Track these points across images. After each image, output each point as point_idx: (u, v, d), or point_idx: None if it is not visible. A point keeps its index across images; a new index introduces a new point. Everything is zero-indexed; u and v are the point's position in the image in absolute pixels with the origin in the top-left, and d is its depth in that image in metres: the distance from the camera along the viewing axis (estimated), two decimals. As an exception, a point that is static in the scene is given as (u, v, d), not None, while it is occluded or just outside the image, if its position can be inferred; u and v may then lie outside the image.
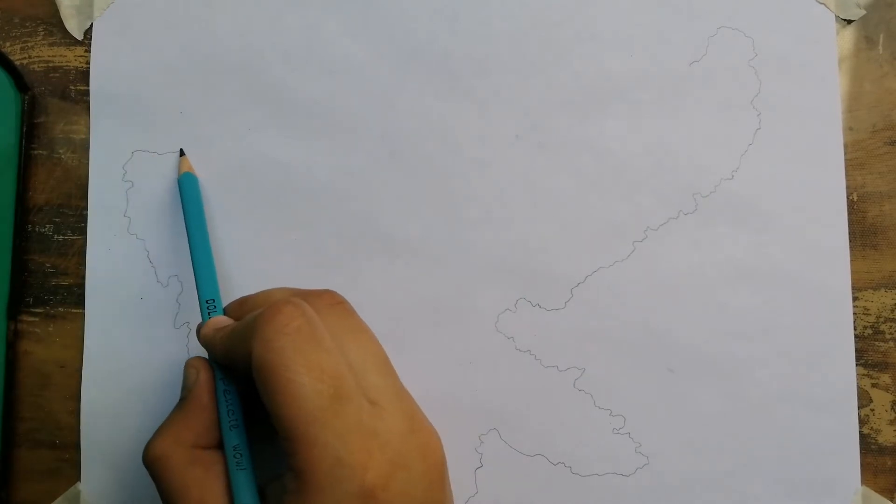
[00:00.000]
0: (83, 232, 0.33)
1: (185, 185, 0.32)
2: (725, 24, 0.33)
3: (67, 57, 0.34)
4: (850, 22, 0.33)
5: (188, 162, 0.33)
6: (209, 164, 0.33)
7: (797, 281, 0.32)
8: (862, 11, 0.33)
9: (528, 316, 0.32)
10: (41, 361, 0.33)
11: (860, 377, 0.32)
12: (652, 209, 0.33)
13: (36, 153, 0.34)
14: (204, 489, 0.25)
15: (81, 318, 0.33)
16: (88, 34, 0.34)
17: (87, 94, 0.33)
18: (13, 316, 0.33)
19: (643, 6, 0.33)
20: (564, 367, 0.32)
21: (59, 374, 0.33)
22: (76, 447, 0.32)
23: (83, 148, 0.33)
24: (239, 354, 0.25)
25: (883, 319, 0.32)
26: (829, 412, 0.32)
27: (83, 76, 0.34)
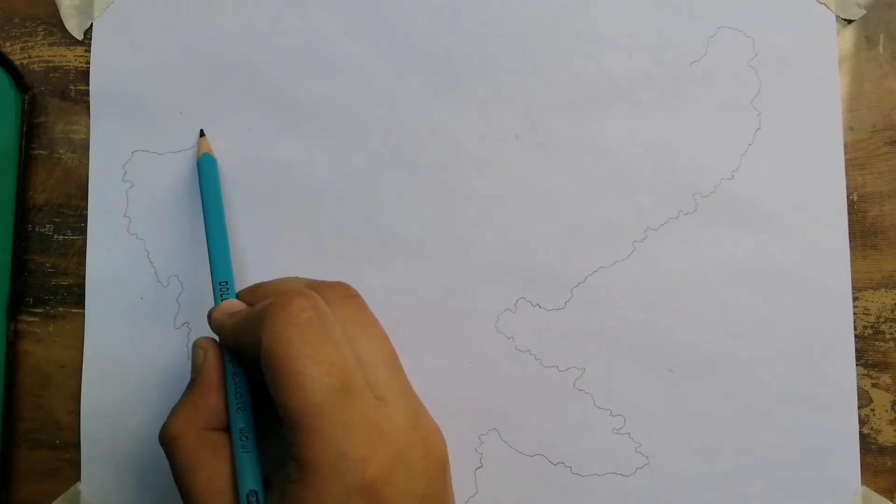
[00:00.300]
0: (83, 232, 0.33)
1: (203, 165, 0.32)
2: (725, 24, 0.33)
3: (67, 57, 0.34)
4: (850, 22, 0.33)
5: (208, 143, 0.33)
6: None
7: (797, 281, 0.32)
8: (862, 11, 0.33)
9: (528, 316, 0.32)
10: (41, 361, 0.33)
11: (860, 377, 0.32)
12: (652, 209, 0.33)
13: (36, 153, 0.34)
14: (212, 471, 0.25)
15: (81, 318, 0.33)
16: (88, 34, 0.34)
17: (87, 94, 0.33)
18: (13, 316, 0.33)
19: (643, 6, 0.33)
20: (564, 367, 0.32)
21: (59, 374, 0.33)
22: (76, 447, 0.32)
23: (83, 148, 0.33)
24: (248, 342, 0.25)
25: (883, 319, 0.32)
26: (829, 412, 0.32)
27: (83, 76, 0.34)
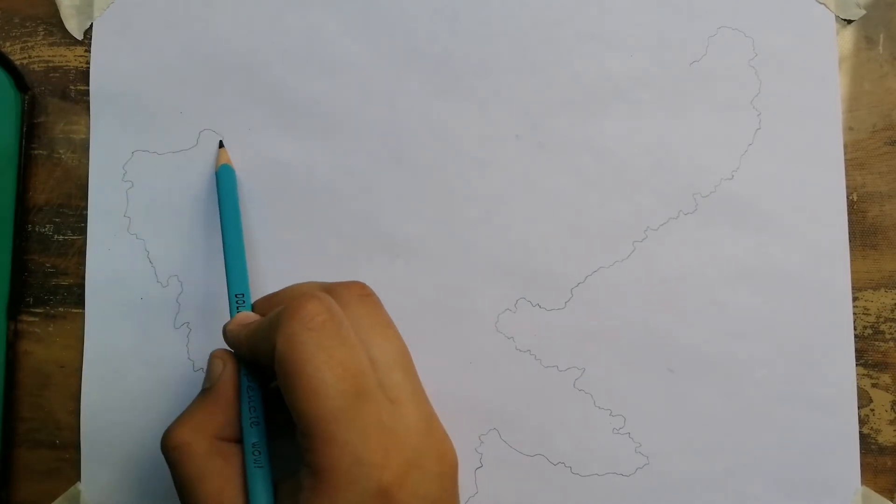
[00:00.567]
0: (83, 232, 0.33)
1: (222, 177, 0.32)
2: (725, 24, 0.33)
3: (67, 57, 0.34)
4: (850, 22, 0.33)
5: (227, 154, 0.33)
6: (209, 164, 0.33)
7: (797, 281, 0.32)
8: (862, 11, 0.33)
9: (528, 316, 0.32)
10: (41, 361, 0.33)
11: (860, 377, 0.32)
12: (652, 209, 0.33)
13: (36, 153, 0.34)
14: (223, 480, 0.25)
15: (81, 318, 0.33)
16: (88, 34, 0.34)
17: (87, 94, 0.33)
18: (13, 316, 0.33)
19: (643, 6, 0.33)
20: (564, 367, 0.32)
21: (59, 374, 0.33)
22: (76, 447, 0.32)
23: (83, 148, 0.33)
24: (263, 349, 0.25)
25: (883, 319, 0.32)
26: (829, 412, 0.32)
27: (83, 76, 0.34)
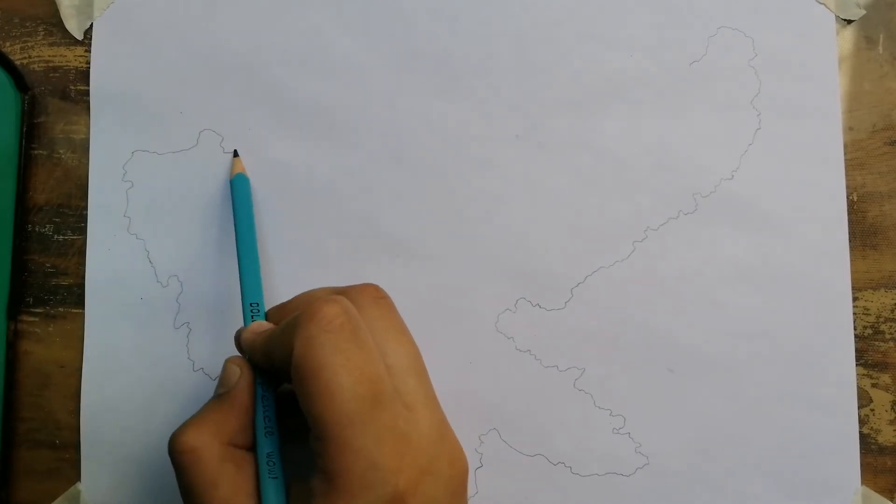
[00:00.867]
0: (83, 232, 0.33)
1: (237, 186, 0.32)
2: (725, 24, 0.33)
3: (67, 57, 0.34)
4: (850, 22, 0.33)
5: (241, 163, 0.33)
6: (209, 164, 0.33)
7: (797, 281, 0.32)
8: (862, 11, 0.33)
9: (528, 316, 0.32)
10: (41, 361, 0.33)
11: (860, 377, 0.32)
12: (652, 209, 0.33)
13: (36, 153, 0.34)
14: (234, 487, 0.25)
15: (81, 318, 0.33)
16: (88, 34, 0.34)
17: (87, 94, 0.33)
18: (13, 316, 0.33)
19: (643, 6, 0.33)
20: (564, 367, 0.32)
21: (59, 374, 0.33)
22: (76, 447, 0.32)
23: (83, 148, 0.33)
24: (279, 353, 0.24)
25: (883, 319, 0.32)
26: (829, 412, 0.32)
27: (83, 76, 0.34)
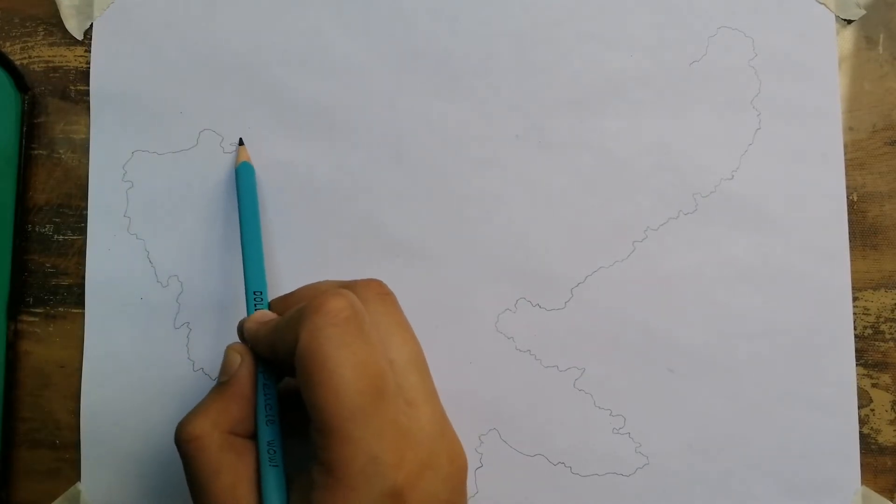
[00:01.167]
0: (83, 232, 0.33)
1: (242, 174, 0.32)
2: (725, 24, 0.33)
3: (67, 57, 0.34)
4: (850, 22, 0.33)
5: (246, 152, 0.33)
6: (209, 164, 0.33)
7: (797, 281, 0.32)
8: (862, 11, 0.33)
9: (528, 316, 0.32)
10: (41, 361, 0.33)
11: (860, 377, 0.32)
12: (652, 209, 0.33)
13: (36, 153, 0.34)
14: (235, 475, 0.25)
15: (81, 318, 0.33)
16: (88, 34, 0.34)
17: (87, 94, 0.33)
18: (13, 316, 0.33)
19: (643, 6, 0.33)
20: (564, 367, 0.32)
21: (59, 374, 0.33)
22: (76, 447, 0.32)
23: (83, 148, 0.33)
24: (283, 345, 0.24)
25: (883, 319, 0.32)
26: (829, 412, 0.32)
27: (83, 76, 0.34)
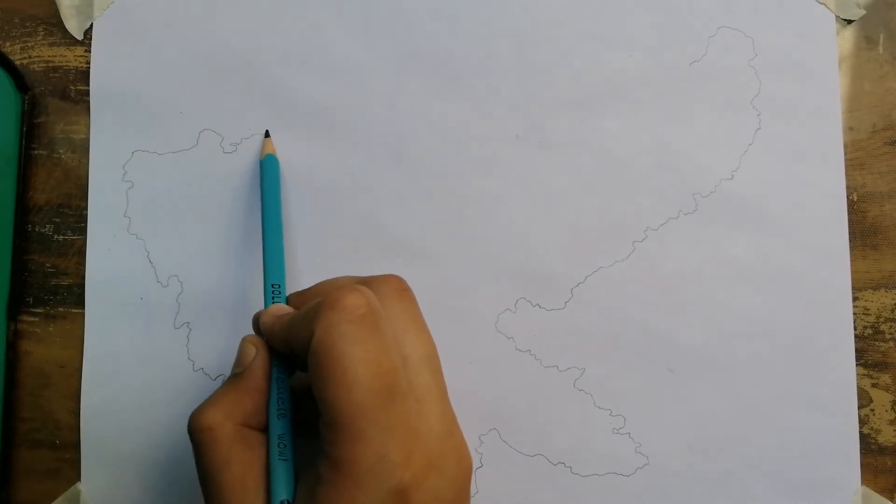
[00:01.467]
0: (83, 232, 0.33)
1: (266, 166, 0.32)
2: (725, 24, 0.33)
3: (67, 57, 0.34)
4: (850, 22, 0.33)
5: (272, 144, 0.33)
6: (209, 164, 0.33)
7: (797, 281, 0.32)
8: (862, 11, 0.33)
9: (528, 316, 0.32)
10: (41, 361, 0.33)
11: (860, 377, 0.32)
12: (652, 209, 0.33)
13: (36, 153, 0.34)
14: (245, 468, 0.25)
15: (81, 318, 0.33)
16: (88, 34, 0.34)
17: (87, 94, 0.33)
18: (13, 316, 0.33)
19: (643, 6, 0.33)
20: (564, 367, 0.32)
21: (59, 374, 0.33)
22: (76, 447, 0.32)
23: (83, 148, 0.33)
24: (298, 340, 0.24)
25: (883, 319, 0.32)
26: (829, 412, 0.32)
27: (83, 76, 0.34)
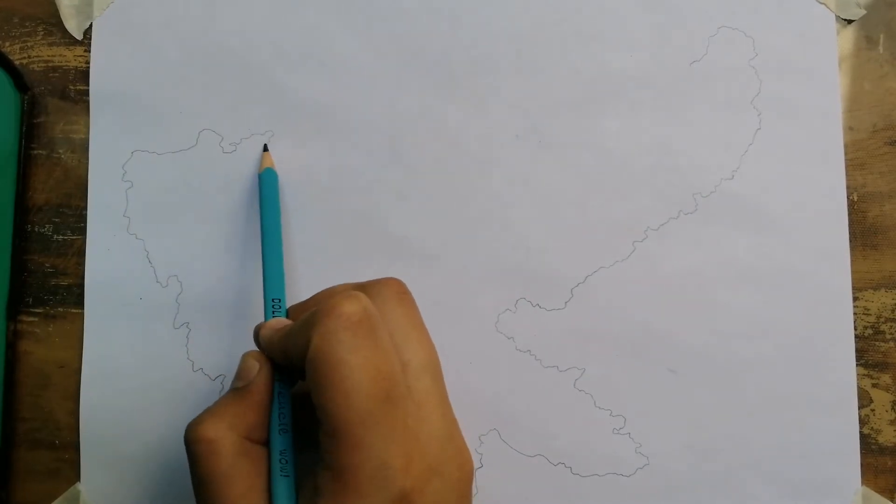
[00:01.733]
0: (83, 232, 0.33)
1: (265, 180, 0.32)
2: (725, 24, 0.33)
3: (67, 57, 0.34)
4: (850, 22, 0.33)
5: (270, 158, 0.33)
6: (209, 164, 0.33)
7: (797, 281, 0.32)
8: (862, 11, 0.33)
9: (528, 316, 0.32)
10: (41, 361, 0.33)
11: (860, 377, 0.32)
12: (652, 209, 0.33)
13: (36, 153, 0.34)
14: (249, 482, 0.24)
15: (81, 318, 0.33)
16: (88, 34, 0.34)
17: (86, 93, 0.33)
18: (13, 316, 0.33)
19: (643, 6, 0.33)
20: (564, 367, 0.32)
21: (58, 374, 0.33)
22: (76, 447, 0.32)
23: (83, 148, 0.33)
24: (296, 349, 0.24)
25: (883, 319, 0.32)
26: (829, 412, 0.32)
27: (83, 76, 0.34)
